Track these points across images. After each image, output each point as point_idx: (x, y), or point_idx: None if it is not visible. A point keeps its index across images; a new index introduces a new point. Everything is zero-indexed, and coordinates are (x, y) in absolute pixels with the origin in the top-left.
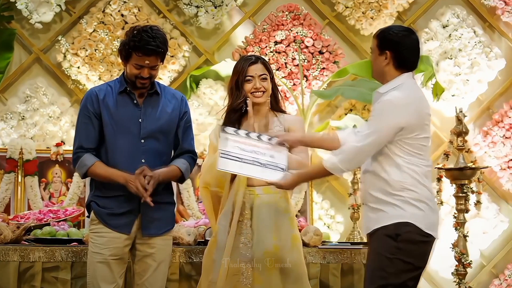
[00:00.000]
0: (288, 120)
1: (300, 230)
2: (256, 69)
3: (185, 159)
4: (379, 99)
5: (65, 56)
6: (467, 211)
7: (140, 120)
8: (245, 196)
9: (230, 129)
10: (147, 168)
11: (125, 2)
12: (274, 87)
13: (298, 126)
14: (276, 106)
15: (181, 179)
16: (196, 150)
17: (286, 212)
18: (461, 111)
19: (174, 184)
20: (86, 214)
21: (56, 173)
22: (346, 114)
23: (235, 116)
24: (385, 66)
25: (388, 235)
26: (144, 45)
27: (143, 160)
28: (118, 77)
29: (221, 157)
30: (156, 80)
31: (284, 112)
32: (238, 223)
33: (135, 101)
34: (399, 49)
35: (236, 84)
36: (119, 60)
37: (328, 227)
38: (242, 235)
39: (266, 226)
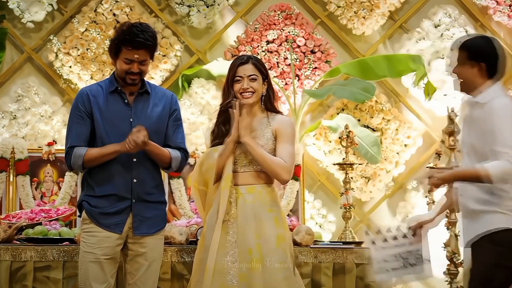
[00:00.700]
0: (277, 120)
1: (291, 230)
2: (245, 70)
3: (177, 150)
4: (480, 108)
5: (57, 56)
6: (458, 210)
7: (131, 120)
8: (231, 195)
9: (378, 240)
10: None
11: (117, 1)
12: (269, 87)
13: (285, 127)
14: (270, 107)
15: (168, 166)
16: (188, 150)
17: (271, 211)
18: (452, 111)
19: (165, 183)
20: (78, 213)
21: (48, 173)
22: (338, 114)
23: (225, 116)
24: (478, 77)
25: (492, 241)
26: (133, 38)
27: (134, 159)
28: (108, 77)
29: (377, 273)
30: (147, 80)
31: (278, 112)
32: (224, 222)
33: (126, 101)
34: (492, 59)
35: (227, 84)
36: (111, 60)
37: (320, 226)
38: (229, 234)
39: (248, 225)
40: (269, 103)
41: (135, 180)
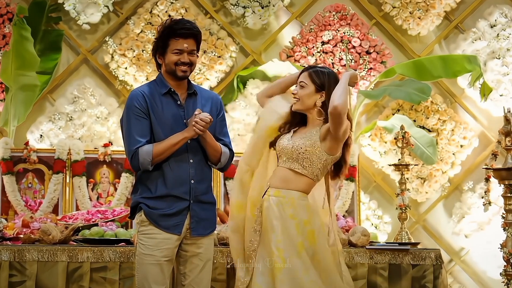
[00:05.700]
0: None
1: (347, 231)
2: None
3: (225, 147)
4: None
5: (112, 57)
6: None
7: (184, 121)
8: (263, 196)
9: None
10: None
11: (172, 2)
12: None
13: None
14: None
15: (217, 161)
16: (242, 150)
17: (292, 217)
18: (509, 111)
19: (221, 184)
20: (131, 216)
21: (104, 174)
22: (393, 114)
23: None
24: None
25: None
26: (181, 27)
27: (191, 160)
28: (155, 79)
29: None
30: (203, 81)
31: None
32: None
33: (178, 102)
34: None
35: None
36: (156, 60)
37: (376, 227)
38: (256, 222)
39: (269, 228)
40: (324, 112)
41: (193, 181)
